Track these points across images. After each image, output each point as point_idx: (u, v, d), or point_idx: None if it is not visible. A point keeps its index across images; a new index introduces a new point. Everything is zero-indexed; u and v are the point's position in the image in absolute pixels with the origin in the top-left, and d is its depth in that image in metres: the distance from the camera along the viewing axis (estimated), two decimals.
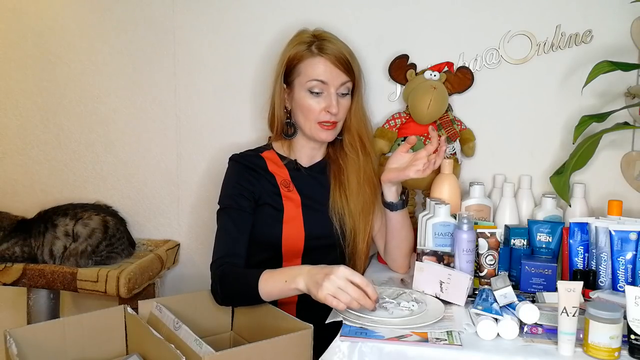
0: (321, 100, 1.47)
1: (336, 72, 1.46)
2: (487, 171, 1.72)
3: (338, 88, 1.47)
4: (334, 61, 1.46)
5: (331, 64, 1.46)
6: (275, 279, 1.30)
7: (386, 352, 1.10)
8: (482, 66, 1.70)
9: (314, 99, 1.47)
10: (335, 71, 1.46)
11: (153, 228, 1.97)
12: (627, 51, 1.61)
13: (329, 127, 1.48)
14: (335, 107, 1.45)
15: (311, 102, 1.47)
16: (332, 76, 1.46)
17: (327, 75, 1.45)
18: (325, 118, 1.47)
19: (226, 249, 1.43)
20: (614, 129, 1.49)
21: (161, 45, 1.88)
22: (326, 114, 1.46)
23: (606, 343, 1.06)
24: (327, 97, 1.46)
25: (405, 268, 1.56)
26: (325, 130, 1.49)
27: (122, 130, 1.94)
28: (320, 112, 1.47)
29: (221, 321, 1.52)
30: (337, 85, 1.47)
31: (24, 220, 1.82)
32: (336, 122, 1.49)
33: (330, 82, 1.46)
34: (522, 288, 1.36)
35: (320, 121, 1.47)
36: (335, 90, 1.46)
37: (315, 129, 1.48)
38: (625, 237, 1.33)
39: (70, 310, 2.03)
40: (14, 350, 1.25)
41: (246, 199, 1.46)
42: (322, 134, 1.49)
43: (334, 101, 1.46)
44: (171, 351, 1.18)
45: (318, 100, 1.47)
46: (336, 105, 1.46)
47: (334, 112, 1.46)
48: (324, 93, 1.47)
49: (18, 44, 1.96)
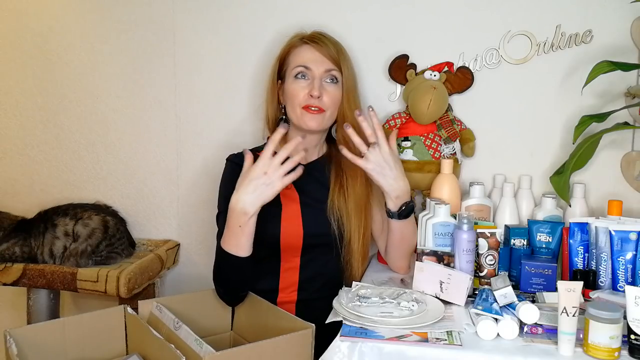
0: (306, 85, 1.48)
1: (320, 58, 1.49)
2: (487, 171, 1.72)
3: (323, 75, 1.48)
4: (318, 49, 1.49)
5: (316, 51, 1.49)
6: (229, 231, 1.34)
7: (386, 352, 1.10)
8: (482, 66, 1.70)
9: (299, 83, 1.48)
10: (321, 58, 1.49)
11: (153, 228, 1.97)
12: (627, 51, 1.61)
13: (315, 112, 1.48)
14: (317, 90, 1.46)
15: (295, 87, 1.48)
16: (316, 62, 1.48)
17: (311, 61, 1.48)
18: (309, 102, 1.47)
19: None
20: (614, 129, 1.49)
21: (161, 46, 1.88)
22: (310, 98, 1.47)
23: (606, 343, 1.06)
24: (311, 83, 1.48)
25: (405, 269, 1.56)
26: (310, 115, 1.47)
27: (122, 130, 1.94)
28: (304, 96, 1.47)
29: (221, 321, 1.52)
30: (321, 71, 1.48)
31: (24, 220, 1.82)
32: (323, 109, 1.48)
33: (313, 68, 1.48)
34: (522, 288, 1.36)
35: (305, 105, 1.47)
36: (320, 76, 1.48)
37: (302, 114, 1.48)
38: (625, 237, 1.33)
39: (70, 310, 2.03)
40: (14, 350, 1.25)
41: None
42: (308, 120, 1.48)
43: (316, 85, 1.47)
44: (171, 351, 1.18)
45: (303, 85, 1.48)
46: (318, 89, 1.46)
47: (315, 94, 1.46)
48: (309, 79, 1.48)
49: (18, 44, 1.96)
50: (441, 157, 1.65)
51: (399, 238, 1.49)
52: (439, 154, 1.66)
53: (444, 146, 1.67)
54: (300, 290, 1.50)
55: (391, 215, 1.44)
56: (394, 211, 1.43)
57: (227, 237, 1.35)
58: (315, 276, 1.51)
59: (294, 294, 1.50)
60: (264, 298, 1.42)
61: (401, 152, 1.67)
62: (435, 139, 1.67)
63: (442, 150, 1.67)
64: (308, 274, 1.50)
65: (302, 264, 1.49)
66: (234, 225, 1.33)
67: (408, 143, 1.67)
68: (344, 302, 1.25)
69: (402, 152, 1.67)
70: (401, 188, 1.40)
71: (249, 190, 1.30)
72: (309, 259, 1.49)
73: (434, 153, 1.66)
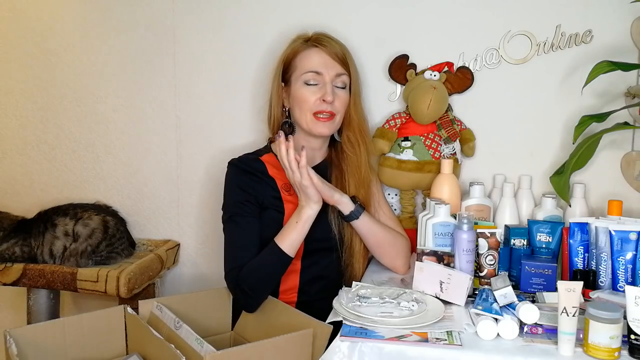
0: (317, 91, 1.47)
1: (331, 62, 1.47)
2: (487, 171, 1.72)
3: (333, 79, 1.48)
4: (328, 52, 1.48)
5: (326, 55, 1.47)
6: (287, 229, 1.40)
7: (386, 352, 1.10)
8: (482, 66, 1.70)
9: (310, 89, 1.47)
10: (330, 62, 1.47)
11: (153, 228, 1.97)
12: (627, 51, 1.61)
13: (326, 119, 1.48)
14: (330, 95, 1.45)
15: (306, 93, 1.47)
16: (326, 67, 1.47)
17: (321, 66, 1.47)
18: (320, 108, 1.46)
19: (238, 259, 1.41)
20: (614, 129, 1.49)
21: (161, 45, 1.88)
22: (322, 104, 1.46)
23: (606, 343, 1.06)
24: (323, 87, 1.47)
25: (402, 268, 1.54)
26: (321, 123, 1.48)
27: (122, 130, 1.94)
28: (315, 102, 1.47)
29: (221, 321, 1.52)
30: (332, 75, 1.47)
31: (24, 220, 1.82)
32: (334, 114, 1.48)
33: (325, 73, 1.47)
34: (522, 288, 1.36)
35: (316, 112, 1.47)
36: (330, 81, 1.47)
37: (312, 121, 1.48)
38: (625, 237, 1.33)
39: (70, 310, 2.03)
40: (14, 350, 1.25)
41: (251, 204, 1.45)
42: (318, 127, 1.48)
43: (329, 90, 1.46)
44: (171, 351, 1.18)
45: (313, 91, 1.47)
46: (331, 93, 1.46)
47: (329, 99, 1.45)
48: (320, 84, 1.47)
49: (18, 44, 1.96)
50: (441, 157, 1.65)
51: (372, 240, 1.49)
52: (439, 154, 1.66)
53: (444, 146, 1.67)
54: (300, 293, 1.50)
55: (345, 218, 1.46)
56: (346, 214, 1.45)
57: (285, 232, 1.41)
58: (316, 279, 1.51)
59: (294, 296, 1.50)
60: None
61: (401, 152, 1.67)
62: (435, 139, 1.67)
63: (442, 150, 1.67)
64: (309, 276, 1.50)
65: (303, 267, 1.49)
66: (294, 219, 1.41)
67: (408, 143, 1.67)
68: (344, 302, 1.25)
69: (402, 152, 1.67)
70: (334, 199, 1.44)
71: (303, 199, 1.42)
72: (310, 262, 1.49)
73: (434, 153, 1.66)
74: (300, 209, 1.41)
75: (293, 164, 1.37)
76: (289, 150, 1.38)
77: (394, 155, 1.68)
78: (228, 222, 1.46)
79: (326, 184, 1.44)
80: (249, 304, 1.43)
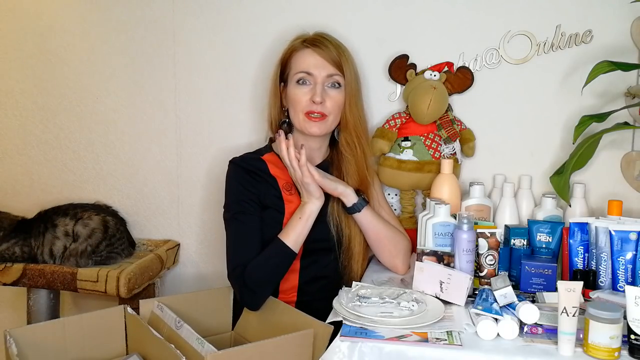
0: (308, 91, 1.48)
1: (323, 63, 1.48)
2: (487, 171, 1.72)
3: (325, 80, 1.48)
4: (320, 53, 1.48)
5: (318, 56, 1.48)
6: (291, 225, 1.42)
7: (386, 352, 1.10)
8: (482, 66, 1.70)
9: (301, 89, 1.48)
10: (322, 63, 1.48)
11: (153, 228, 1.97)
12: (627, 51, 1.61)
13: (317, 119, 1.48)
14: (318, 96, 1.46)
15: (298, 92, 1.48)
16: (318, 67, 1.47)
17: (313, 66, 1.47)
18: (311, 108, 1.47)
19: (242, 257, 1.41)
20: (614, 129, 1.49)
21: (161, 45, 1.88)
22: (312, 104, 1.47)
23: (606, 343, 1.06)
24: (314, 88, 1.48)
25: (400, 268, 1.54)
26: (313, 122, 1.48)
27: (122, 130, 1.94)
28: (306, 102, 1.47)
29: (222, 321, 1.52)
30: (323, 76, 1.48)
31: (24, 220, 1.82)
32: (325, 114, 1.48)
33: (316, 73, 1.47)
34: (522, 288, 1.36)
35: (307, 112, 1.48)
36: (322, 82, 1.47)
37: (304, 121, 1.49)
38: (625, 237, 1.33)
39: (70, 310, 2.03)
40: (14, 350, 1.25)
41: (253, 202, 1.46)
42: (310, 127, 1.49)
43: (319, 90, 1.47)
44: (171, 351, 1.18)
45: (305, 91, 1.48)
46: (320, 94, 1.46)
47: (317, 100, 1.46)
48: (311, 85, 1.48)
49: (18, 44, 1.96)
50: (441, 157, 1.65)
51: (373, 235, 1.50)
52: (439, 154, 1.66)
53: (444, 146, 1.67)
54: (300, 292, 1.50)
55: (348, 210, 1.47)
56: (349, 206, 1.46)
57: (289, 227, 1.43)
58: (315, 279, 1.51)
59: (294, 296, 1.50)
60: None
61: (401, 152, 1.67)
62: (435, 139, 1.67)
63: (442, 150, 1.67)
64: (308, 276, 1.50)
65: (303, 267, 1.49)
66: (298, 215, 1.44)
67: (408, 143, 1.67)
68: (344, 302, 1.25)
69: (402, 152, 1.67)
70: (338, 191, 1.46)
71: (305, 195, 1.45)
72: (309, 262, 1.49)
73: (434, 153, 1.66)
74: (303, 204, 1.43)
75: (294, 162, 1.39)
76: (289, 149, 1.40)
77: (394, 155, 1.68)
78: (231, 220, 1.46)
79: (328, 177, 1.45)
80: (254, 302, 1.43)
